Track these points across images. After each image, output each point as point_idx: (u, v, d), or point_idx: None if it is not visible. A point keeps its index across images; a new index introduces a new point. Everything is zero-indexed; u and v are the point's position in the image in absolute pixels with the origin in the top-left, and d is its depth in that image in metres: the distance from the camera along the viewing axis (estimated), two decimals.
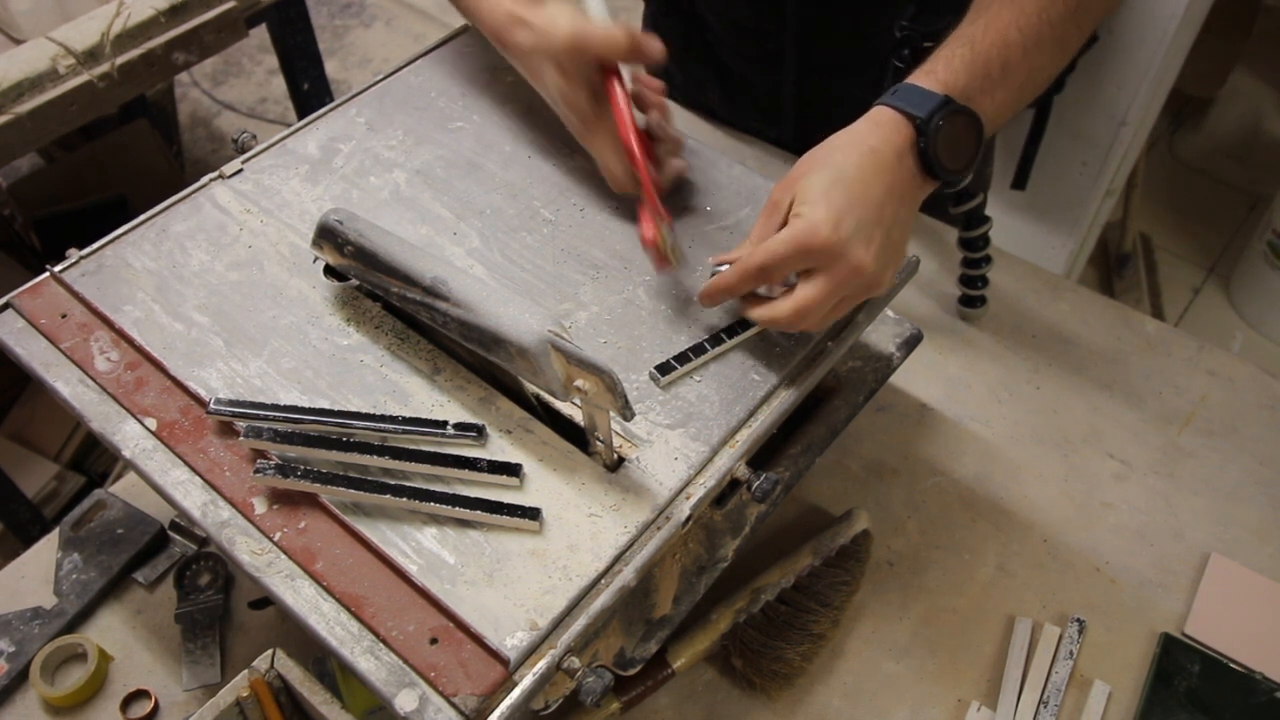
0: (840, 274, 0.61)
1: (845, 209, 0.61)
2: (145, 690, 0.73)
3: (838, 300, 0.63)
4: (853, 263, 0.61)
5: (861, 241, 0.61)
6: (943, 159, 0.63)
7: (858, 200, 0.61)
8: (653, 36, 0.69)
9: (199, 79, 2.74)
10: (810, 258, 0.61)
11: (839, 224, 0.60)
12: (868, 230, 0.61)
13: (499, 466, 0.61)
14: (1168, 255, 2.29)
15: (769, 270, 0.62)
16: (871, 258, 0.61)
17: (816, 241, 0.60)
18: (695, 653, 0.73)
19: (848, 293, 0.62)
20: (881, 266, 0.62)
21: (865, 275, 0.61)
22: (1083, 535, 0.82)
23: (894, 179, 0.63)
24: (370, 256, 0.65)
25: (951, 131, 0.63)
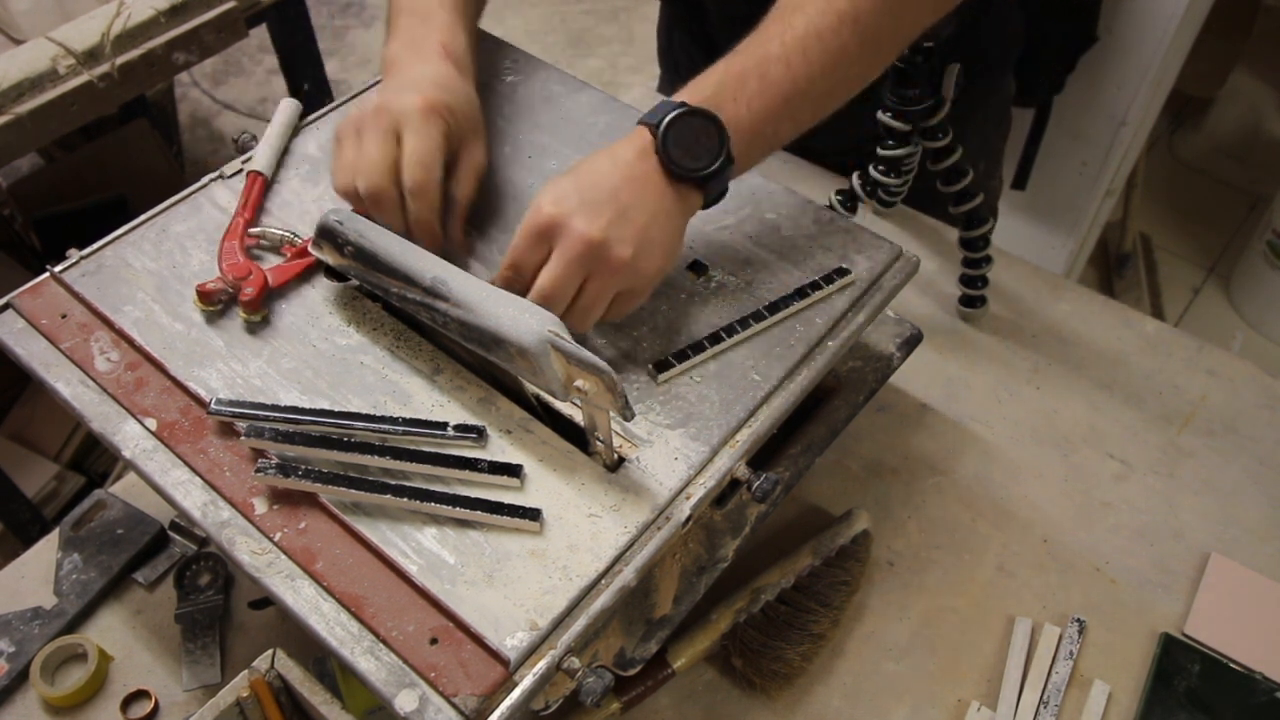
0: (569, 247, 0.61)
1: (569, 189, 0.62)
2: (145, 690, 0.73)
3: (580, 278, 0.62)
4: (578, 232, 0.61)
5: (586, 214, 0.61)
6: (674, 155, 0.63)
7: (585, 184, 0.63)
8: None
9: (199, 79, 2.74)
10: (540, 239, 0.62)
11: (560, 200, 0.62)
12: (595, 206, 0.62)
13: (499, 467, 0.61)
14: (1168, 255, 2.29)
15: (517, 266, 0.63)
16: (599, 229, 0.61)
17: (539, 219, 0.62)
18: (695, 653, 0.73)
19: (589, 268, 0.62)
20: (619, 241, 0.62)
21: (597, 245, 0.61)
22: (1083, 535, 0.82)
23: (632, 172, 0.63)
24: (370, 257, 0.65)
25: (685, 130, 0.63)
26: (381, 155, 0.67)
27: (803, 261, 0.73)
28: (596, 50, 2.85)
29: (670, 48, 1.16)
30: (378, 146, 0.67)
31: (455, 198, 0.72)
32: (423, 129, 0.68)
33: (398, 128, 0.68)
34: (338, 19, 2.94)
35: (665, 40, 1.17)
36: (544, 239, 0.62)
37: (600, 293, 0.63)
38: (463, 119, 0.71)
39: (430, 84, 0.70)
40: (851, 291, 0.72)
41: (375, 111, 0.68)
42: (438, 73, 0.72)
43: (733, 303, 0.71)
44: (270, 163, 0.78)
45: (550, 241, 0.62)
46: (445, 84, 0.71)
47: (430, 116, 0.68)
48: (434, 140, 0.68)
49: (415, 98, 0.68)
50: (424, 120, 0.68)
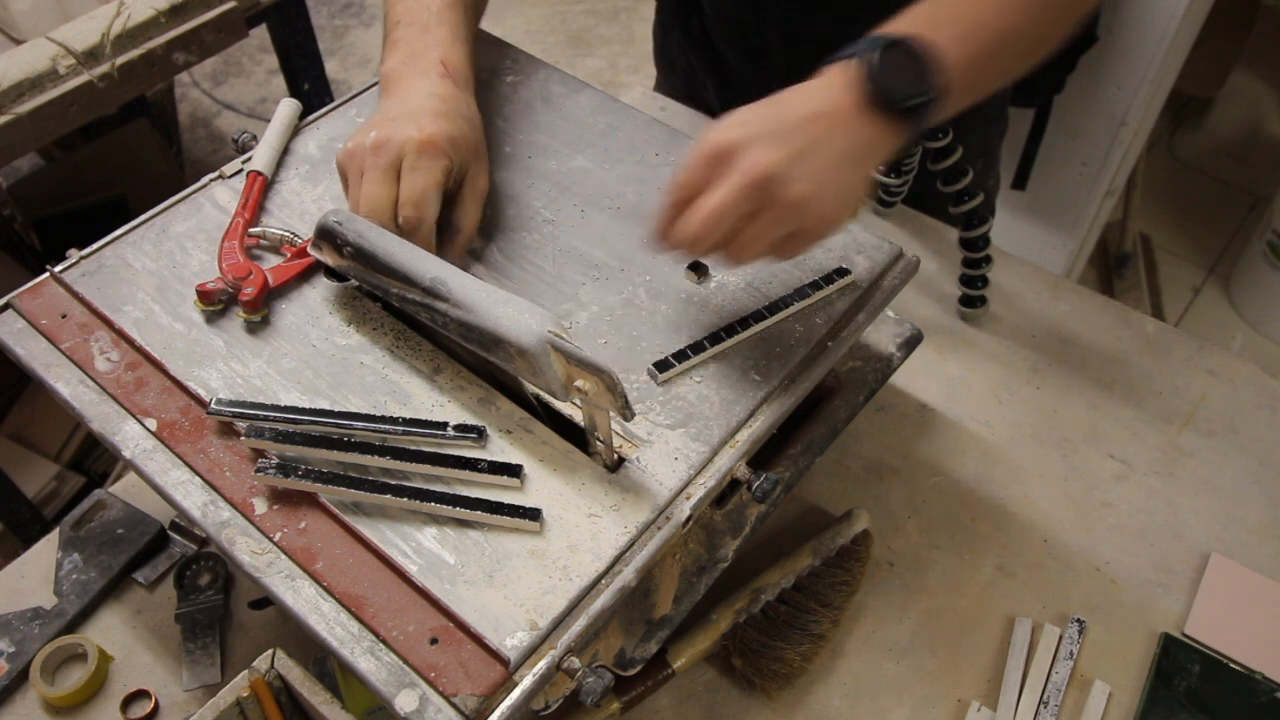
0: (745, 175, 0.58)
1: (752, 118, 0.59)
2: (145, 690, 0.73)
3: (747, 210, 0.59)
4: (756, 161, 0.57)
5: (768, 142, 0.58)
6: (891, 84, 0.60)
7: (770, 115, 0.60)
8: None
9: (199, 79, 2.74)
10: (712, 161, 0.59)
11: (740, 126, 0.59)
12: (778, 136, 0.58)
13: (499, 467, 0.61)
14: (1168, 255, 2.29)
15: (684, 188, 0.60)
16: (778, 159, 0.57)
17: (717, 142, 0.59)
18: (695, 653, 0.73)
19: (757, 201, 0.58)
20: (798, 179, 0.58)
21: (770, 180, 0.57)
22: (1083, 535, 0.82)
23: (829, 105, 0.60)
24: (369, 257, 0.65)
25: (899, 58, 0.60)
26: (381, 196, 0.67)
27: (803, 261, 0.73)
28: (596, 50, 2.85)
29: (666, 47, 1.16)
30: (378, 187, 0.67)
31: (459, 226, 0.71)
32: (421, 166, 0.67)
33: (397, 165, 0.67)
34: (338, 19, 2.94)
35: (661, 40, 1.17)
36: (716, 162, 0.59)
37: (762, 231, 0.60)
38: (463, 146, 0.70)
39: (429, 112, 0.69)
40: (852, 291, 0.72)
41: (375, 148, 0.68)
42: (437, 94, 0.71)
43: (733, 303, 0.71)
44: (270, 163, 0.78)
45: (722, 164, 0.59)
46: (446, 111, 0.70)
47: (429, 151, 0.67)
48: (431, 177, 0.67)
49: (413, 132, 0.68)
50: (421, 156, 0.67)
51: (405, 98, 0.71)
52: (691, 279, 0.72)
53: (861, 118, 0.61)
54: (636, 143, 0.81)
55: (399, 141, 0.67)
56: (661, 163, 0.80)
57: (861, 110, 0.61)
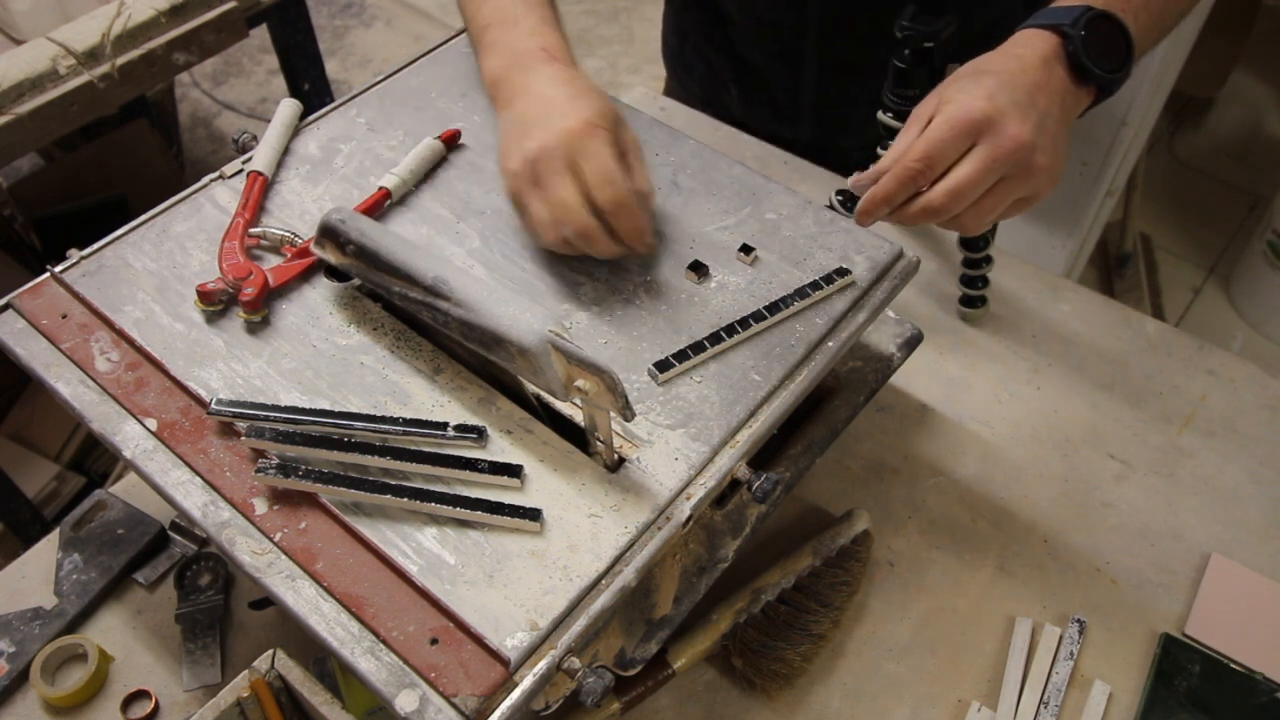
0: (999, 146, 0.61)
1: (994, 88, 0.62)
2: (146, 690, 0.73)
3: (995, 180, 0.62)
4: (1010, 132, 0.61)
5: (1017, 114, 0.61)
6: (1093, 60, 0.64)
7: (1005, 85, 0.62)
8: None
9: (199, 79, 2.75)
10: (969, 133, 0.61)
11: (990, 98, 0.61)
12: (1022, 106, 0.62)
13: (499, 467, 0.61)
14: (1168, 255, 2.29)
15: (932, 159, 0.62)
16: (1029, 131, 0.61)
17: (973, 114, 0.61)
18: (695, 653, 0.73)
19: (1007, 171, 0.62)
20: (1042, 147, 0.62)
21: (1026, 149, 0.61)
22: (1083, 535, 0.82)
23: (1043, 79, 0.64)
24: (372, 256, 0.65)
25: (1097, 36, 0.64)
26: (571, 195, 0.66)
27: (803, 261, 0.73)
28: (597, 50, 2.85)
29: (681, 53, 1.16)
30: (564, 188, 0.66)
31: (642, 190, 0.70)
32: (593, 149, 0.66)
33: (571, 160, 0.66)
34: (338, 19, 2.94)
35: (676, 45, 1.16)
36: (971, 134, 0.62)
37: (1009, 195, 0.63)
38: (611, 115, 0.69)
39: (565, 99, 0.68)
40: (852, 292, 0.72)
41: (540, 155, 0.66)
42: (557, 80, 0.70)
43: (733, 303, 0.71)
44: (270, 163, 0.78)
45: (976, 138, 0.61)
46: (575, 90, 0.69)
47: (592, 132, 0.67)
48: (608, 154, 0.66)
49: (569, 122, 0.67)
50: (589, 139, 0.66)
51: (529, 99, 0.70)
52: (691, 279, 0.72)
53: (1066, 87, 0.65)
54: None
55: (559, 137, 0.66)
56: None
57: (1066, 81, 0.65)
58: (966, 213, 0.63)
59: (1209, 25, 1.55)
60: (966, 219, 0.64)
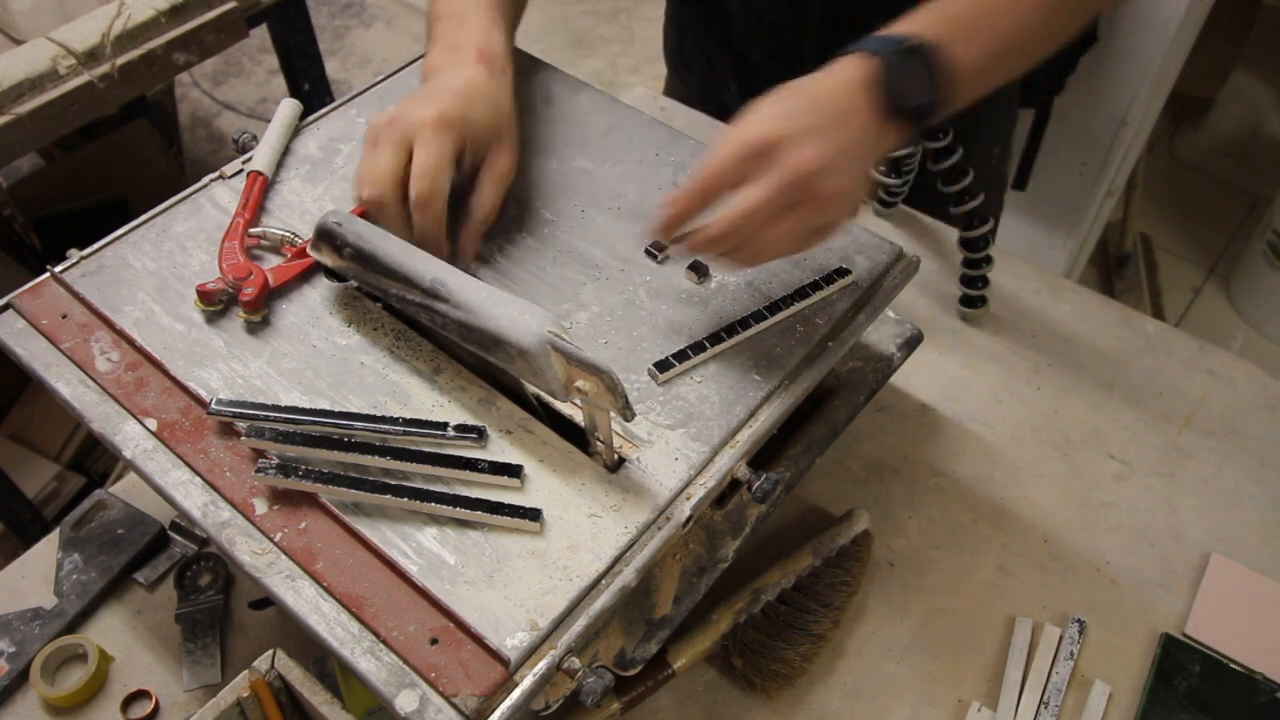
0: (782, 173, 0.57)
1: (788, 112, 0.59)
2: (146, 690, 0.73)
3: (782, 208, 0.59)
4: (797, 157, 0.57)
5: (810, 138, 0.58)
6: (903, 91, 0.61)
7: (804, 109, 0.59)
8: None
9: (199, 79, 2.74)
10: (751, 157, 0.58)
11: (780, 121, 0.59)
12: (814, 133, 0.58)
13: (499, 467, 0.61)
14: (1168, 255, 2.29)
15: (715, 181, 0.60)
16: (820, 156, 0.57)
17: (758, 136, 0.58)
18: (695, 653, 0.73)
19: (794, 198, 0.58)
20: (834, 174, 0.58)
21: (812, 175, 0.58)
22: (1083, 535, 0.82)
23: (849, 105, 0.61)
24: (369, 259, 0.65)
25: (913, 66, 0.61)
26: (387, 166, 0.67)
27: (803, 261, 0.73)
28: (597, 50, 2.85)
29: (681, 47, 1.16)
30: (385, 158, 0.67)
31: (472, 211, 0.71)
32: (432, 141, 0.67)
33: (409, 140, 0.67)
34: (338, 19, 2.94)
35: (675, 40, 1.16)
36: (756, 157, 0.58)
37: (798, 226, 0.60)
38: (482, 128, 0.70)
39: (449, 93, 0.69)
40: (852, 292, 0.72)
41: (389, 122, 0.68)
42: (465, 79, 0.71)
43: (733, 303, 0.71)
44: (270, 163, 0.78)
45: (763, 161, 0.58)
46: (468, 91, 0.70)
47: (440, 128, 0.67)
48: (442, 152, 0.67)
49: (428, 109, 0.68)
50: (433, 133, 0.67)
51: (432, 86, 0.71)
52: (691, 279, 0.72)
53: (874, 119, 0.62)
54: (636, 143, 0.81)
55: (412, 117, 0.68)
56: (661, 163, 0.80)
57: (874, 112, 0.62)
58: (751, 244, 0.60)
59: (1209, 25, 1.55)
60: (749, 251, 0.60)
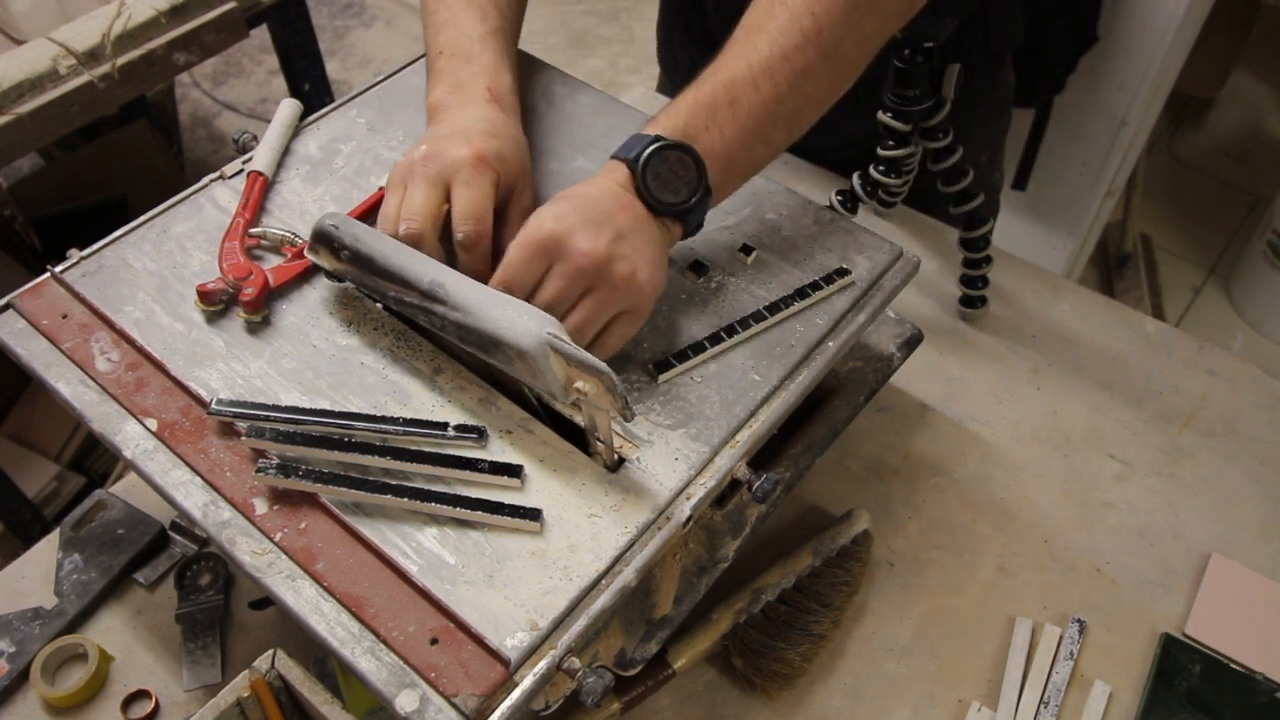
0: (572, 265, 0.61)
1: (565, 210, 0.62)
2: (146, 690, 0.73)
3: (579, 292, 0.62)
4: (581, 249, 0.60)
5: (589, 232, 0.61)
6: (654, 190, 0.64)
7: (578, 207, 0.62)
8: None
9: (199, 79, 2.74)
10: (539, 255, 0.61)
11: (560, 217, 0.61)
12: (593, 223, 0.61)
13: (500, 467, 0.61)
14: (1168, 255, 2.29)
15: (509, 283, 0.62)
16: (603, 246, 0.61)
17: (540, 234, 0.61)
18: (696, 653, 0.73)
19: (587, 284, 0.62)
20: (620, 258, 0.61)
21: (601, 260, 0.61)
22: (1083, 535, 0.82)
23: (620, 202, 0.63)
24: (367, 261, 0.65)
25: (662, 165, 0.64)
26: (426, 203, 0.66)
27: (803, 261, 0.73)
28: (597, 51, 2.85)
29: (669, 46, 1.16)
30: (424, 195, 0.66)
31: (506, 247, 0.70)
32: (474, 181, 0.67)
33: (447, 178, 0.67)
34: (338, 19, 2.94)
35: (664, 38, 1.17)
36: (543, 255, 0.62)
37: (599, 309, 0.63)
38: (513, 166, 0.70)
39: (481, 134, 0.69)
40: (852, 292, 0.72)
41: (424, 159, 0.67)
42: (488, 120, 0.71)
43: (733, 303, 0.71)
44: (271, 163, 0.78)
45: (550, 258, 0.62)
46: (495, 131, 0.70)
47: (481, 168, 0.67)
48: (486, 193, 0.67)
49: (465, 149, 0.67)
50: (475, 172, 0.67)
51: (454, 121, 0.71)
52: (691, 279, 0.72)
53: (646, 219, 0.64)
54: None
55: (450, 157, 0.67)
56: None
57: (644, 213, 0.64)
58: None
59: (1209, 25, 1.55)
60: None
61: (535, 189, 0.74)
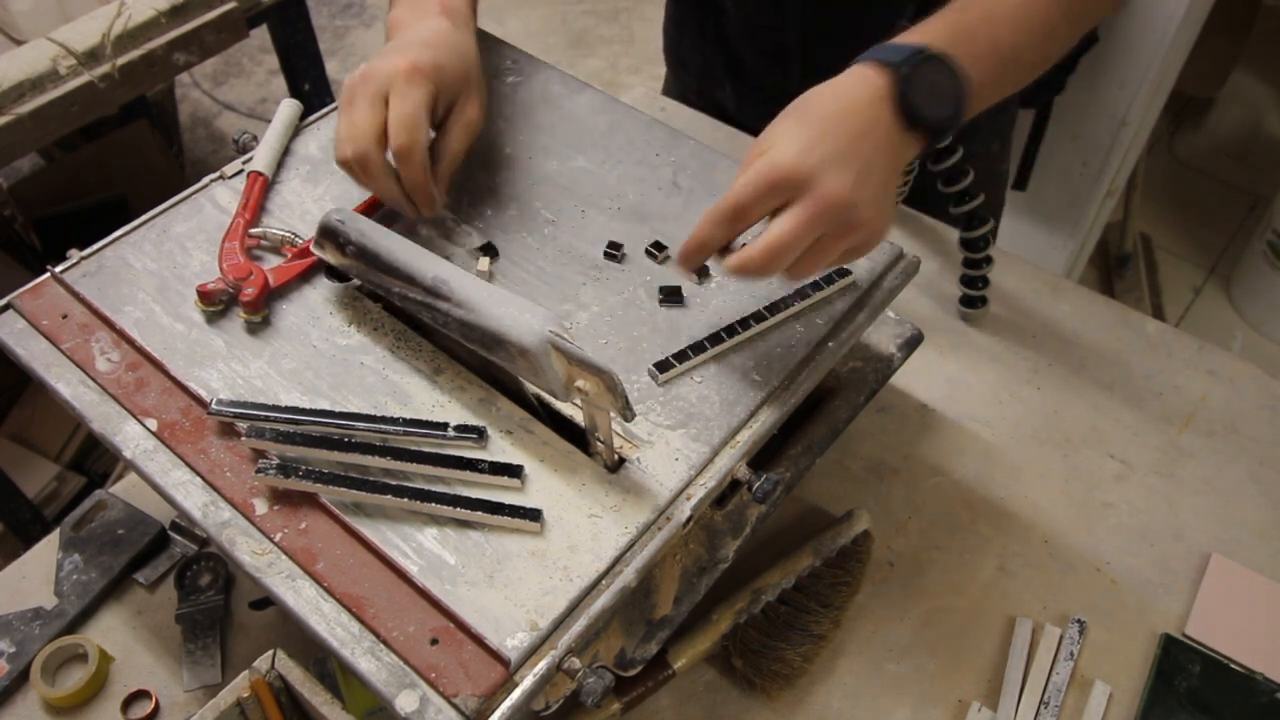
0: (815, 204, 0.58)
1: (813, 139, 0.59)
2: (146, 691, 0.73)
3: (816, 237, 0.59)
4: (827, 190, 0.58)
5: (835, 169, 0.58)
6: (917, 102, 0.61)
7: (827, 133, 0.59)
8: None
9: (199, 79, 2.75)
10: (779, 189, 0.59)
11: (806, 151, 0.59)
12: (841, 159, 0.59)
13: (500, 468, 0.61)
14: (1168, 255, 2.29)
15: (740, 211, 0.60)
16: (848, 186, 0.58)
17: (783, 169, 0.58)
18: (696, 653, 0.73)
19: (828, 229, 0.59)
20: (864, 201, 0.59)
21: (844, 207, 0.58)
22: (1083, 536, 0.82)
23: (869, 121, 0.61)
24: (372, 256, 0.65)
25: (930, 78, 0.61)
26: (367, 121, 0.67)
27: None
28: (597, 51, 2.85)
29: (679, 45, 1.16)
30: (364, 114, 0.68)
31: (443, 153, 0.71)
32: (406, 92, 0.67)
33: (384, 92, 0.68)
34: (338, 19, 2.94)
35: (674, 38, 1.16)
36: (784, 189, 0.59)
37: (833, 250, 0.61)
38: (452, 76, 0.70)
39: (418, 45, 0.70)
40: (852, 292, 0.72)
41: (362, 78, 0.69)
42: (431, 30, 0.72)
43: (733, 303, 0.71)
44: (271, 163, 0.78)
45: (788, 193, 0.59)
46: (435, 41, 0.71)
47: (414, 78, 0.68)
48: (417, 102, 0.67)
49: (399, 61, 0.68)
50: (407, 83, 0.68)
51: (402, 36, 0.72)
52: (692, 279, 0.72)
53: (895, 132, 0.62)
54: (637, 143, 0.81)
55: (385, 70, 0.68)
56: (662, 163, 0.80)
57: (894, 125, 0.62)
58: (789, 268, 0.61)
59: (1209, 25, 1.55)
60: (789, 273, 0.61)
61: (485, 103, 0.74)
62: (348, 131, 0.68)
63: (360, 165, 0.68)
